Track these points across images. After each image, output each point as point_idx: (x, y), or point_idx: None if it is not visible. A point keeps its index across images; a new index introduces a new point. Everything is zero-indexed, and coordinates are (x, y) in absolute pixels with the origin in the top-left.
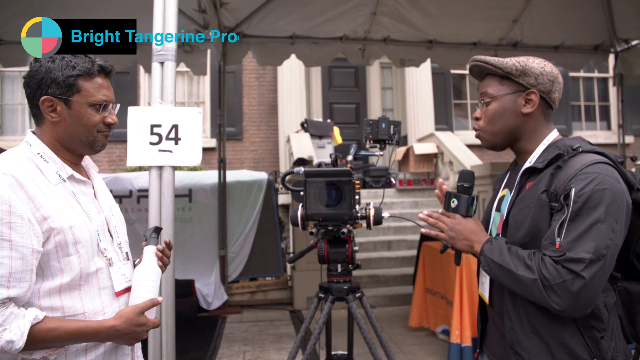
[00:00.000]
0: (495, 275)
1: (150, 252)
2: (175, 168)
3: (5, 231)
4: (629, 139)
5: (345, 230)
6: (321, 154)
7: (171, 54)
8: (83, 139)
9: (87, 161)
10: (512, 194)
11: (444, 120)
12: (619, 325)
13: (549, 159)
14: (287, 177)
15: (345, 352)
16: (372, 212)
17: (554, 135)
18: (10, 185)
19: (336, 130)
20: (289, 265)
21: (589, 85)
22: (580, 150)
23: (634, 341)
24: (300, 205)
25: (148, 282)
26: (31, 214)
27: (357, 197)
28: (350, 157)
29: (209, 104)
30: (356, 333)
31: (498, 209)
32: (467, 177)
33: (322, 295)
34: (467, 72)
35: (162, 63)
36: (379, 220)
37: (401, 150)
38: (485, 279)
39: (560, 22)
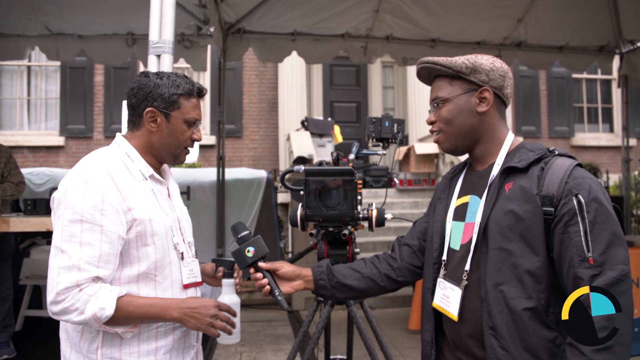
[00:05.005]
0: None
1: (229, 285)
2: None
3: (97, 217)
4: (633, 142)
5: (346, 231)
6: (321, 152)
7: (168, 46)
8: (172, 150)
9: (165, 166)
10: (485, 198)
11: None
12: None
13: (531, 161)
14: (287, 176)
15: (345, 357)
16: (374, 213)
17: (512, 136)
18: (104, 178)
19: (337, 129)
20: None
21: (591, 87)
22: (557, 153)
23: None
24: (300, 205)
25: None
26: (118, 204)
27: (359, 197)
28: (352, 156)
29: (209, 101)
30: (355, 335)
31: (459, 218)
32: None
33: (322, 299)
34: None
35: (158, 56)
36: (381, 221)
37: (402, 150)
38: (452, 292)
39: (566, 22)
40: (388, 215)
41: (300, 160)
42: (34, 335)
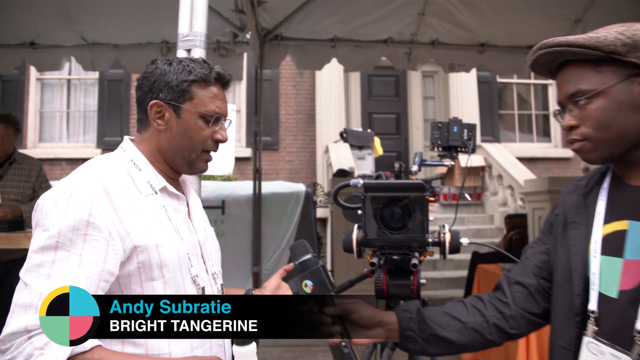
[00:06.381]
0: None
1: (246, 357)
2: (204, 177)
3: (78, 243)
4: None
5: (415, 261)
6: (361, 165)
7: (200, 39)
8: (185, 155)
9: (185, 176)
10: None
11: (490, 132)
12: None
13: None
14: (340, 191)
15: None
16: (447, 237)
17: None
18: (95, 191)
19: (377, 141)
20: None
21: None
22: None
23: None
24: (356, 226)
25: None
26: (113, 227)
27: (430, 218)
28: (415, 168)
29: (245, 112)
30: None
31: (613, 252)
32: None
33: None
34: (514, 80)
35: (189, 51)
36: (456, 247)
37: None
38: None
39: (629, 20)
40: (464, 240)
41: (342, 172)
42: None
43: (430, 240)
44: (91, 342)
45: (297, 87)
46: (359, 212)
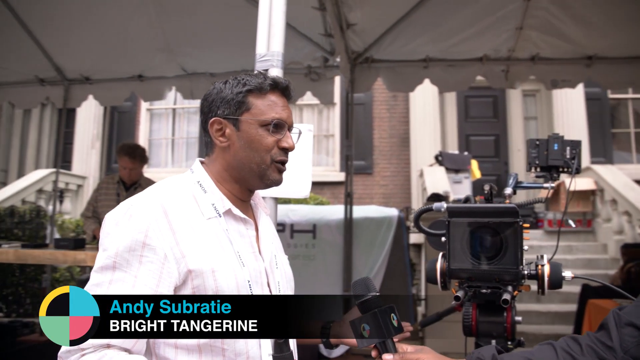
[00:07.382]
0: None
1: None
2: (295, 201)
3: (134, 264)
4: None
5: (507, 297)
6: (458, 189)
7: (277, 59)
8: (253, 167)
9: (258, 199)
10: None
11: (601, 153)
12: None
13: None
14: (422, 215)
15: None
16: (546, 269)
17: None
18: (154, 213)
19: (474, 164)
20: (419, 315)
21: None
22: None
23: None
24: (441, 255)
25: None
26: (169, 249)
27: (525, 247)
28: (509, 190)
29: (338, 136)
30: None
31: None
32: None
33: None
34: (629, 95)
35: (266, 71)
36: (557, 282)
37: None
38: None
39: None
40: (567, 274)
41: (435, 197)
42: None
43: (525, 272)
44: None
45: (390, 110)
46: (443, 239)
